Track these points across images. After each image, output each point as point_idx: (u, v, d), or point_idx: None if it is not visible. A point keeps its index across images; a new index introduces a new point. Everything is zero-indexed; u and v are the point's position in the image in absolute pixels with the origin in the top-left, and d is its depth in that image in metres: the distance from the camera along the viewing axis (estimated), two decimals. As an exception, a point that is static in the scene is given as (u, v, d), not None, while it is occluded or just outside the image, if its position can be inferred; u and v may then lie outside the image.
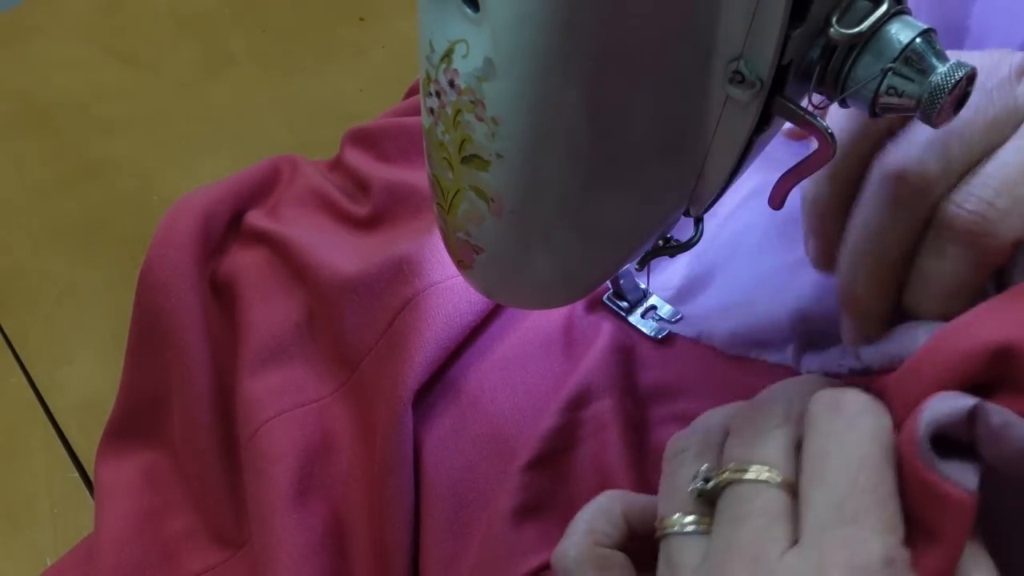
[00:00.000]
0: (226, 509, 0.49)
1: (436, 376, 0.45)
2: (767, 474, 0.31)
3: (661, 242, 0.40)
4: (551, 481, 0.41)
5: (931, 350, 0.30)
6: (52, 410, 0.63)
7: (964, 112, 0.33)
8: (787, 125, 0.34)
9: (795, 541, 0.30)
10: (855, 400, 0.30)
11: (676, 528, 0.32)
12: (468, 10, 0.29)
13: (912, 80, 0.30)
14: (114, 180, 0.76)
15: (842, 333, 0.39)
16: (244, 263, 0.52)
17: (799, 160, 0.34)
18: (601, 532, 0.35)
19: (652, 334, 0.45)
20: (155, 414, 0.53)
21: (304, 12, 0.88)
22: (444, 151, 0.33)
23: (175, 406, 0.51)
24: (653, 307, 0.46)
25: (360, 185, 0.54)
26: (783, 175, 0.35)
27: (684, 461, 0.34)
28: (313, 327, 0.49)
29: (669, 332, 0.45)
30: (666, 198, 0.37)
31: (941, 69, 0.30)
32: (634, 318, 0.45)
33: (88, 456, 0.59)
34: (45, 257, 0.72)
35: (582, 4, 0.28)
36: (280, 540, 0.43)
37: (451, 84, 0.31)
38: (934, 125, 0.31)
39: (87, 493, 0.59)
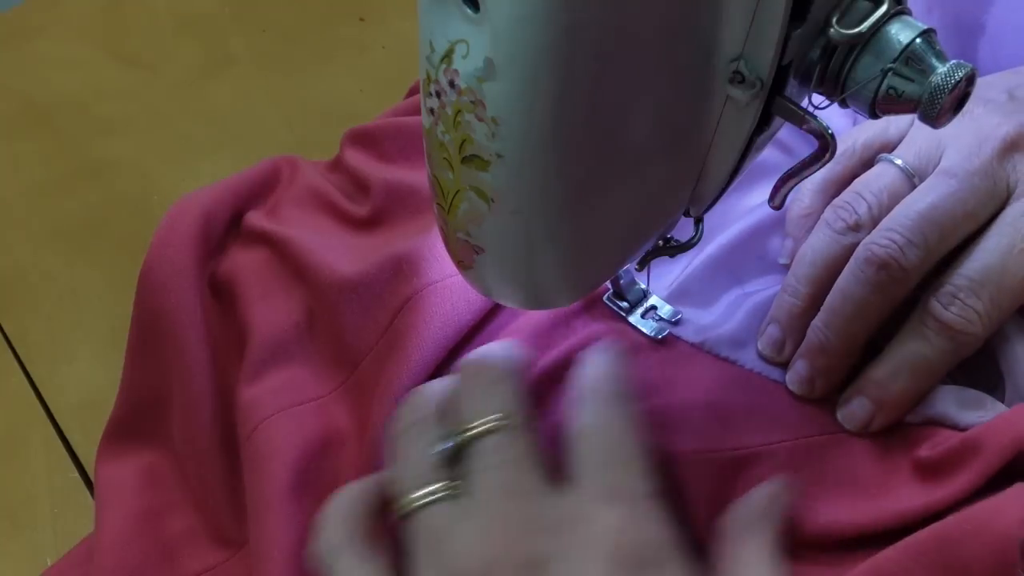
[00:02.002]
0: (226, 509, 0.49)
1: (435, 376, 0.45)
2: (512, 421, 0.33)
3: (661, 242, 0.40)
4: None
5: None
6: (52, 410, 0.63)
7: (945, 199, 0.37)
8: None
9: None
10: (610, 390, 0.36)
11: (424, 499, 0.33)
12: (468, 10, 0.29)
13: (912, 80, 0.30)
14: (114, 180, 0.76)
15: (789, 378, 0.41)
16: (244, 263, 0.52)
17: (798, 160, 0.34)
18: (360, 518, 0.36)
19: (652, 334, 0.45)
20: (155, 414, 0.53)
21: (304, 12, 0.88)
22: (444, 151, 0.33)
23: (175, 406, 0.51)
24: (653, 307, 0.46)
25: (360, 185, 0.54)
26: (783, 175, 0.35)
27: (412, 437, 0.35)
28: (313, 327, 0.49)
29: (669, 333, 0.45)
30: (666, 198, 0.37)
31: (941, 69, 0.30)
32: (634, 318, 0.45)
33: (88, 456, 0.59)
34: (45, 257, 0.72)
35: (582, 4, 0.28)
36: (274, 537, 0.43)
37: (451, 84, 0.31)
38: (935, 125, 0.31)
39: (87, 493, 0.59)
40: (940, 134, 0.40)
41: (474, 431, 0.34)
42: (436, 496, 0.34)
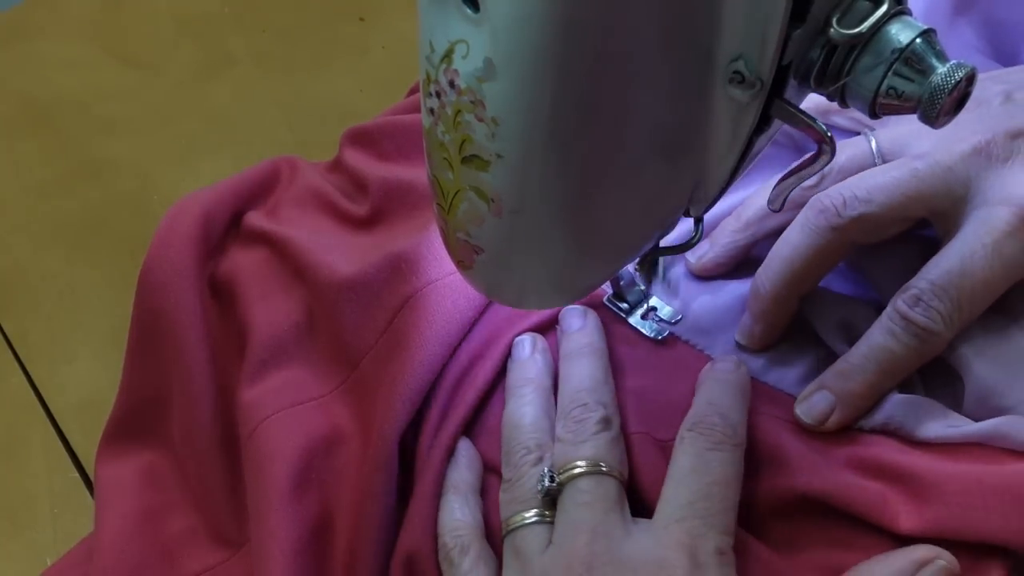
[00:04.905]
0: (226, 509, 0.49)
1: (440, 373, 0.45)
2: (602, 467, 0.38)
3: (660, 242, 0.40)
4: None
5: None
6: (52, 410, 0.63)
7: (903, 174, 0.39)
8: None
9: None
10: (720, 431, 0.38)
11: (520, 521, 0.39)
12: (468, 10, 0.29)
13: (912, 80, 0.30)
14: (114, 180, 0.76)
15: (741, 334, 0.44)
16: (243, 263, 0.52)
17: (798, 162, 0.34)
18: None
19: (652, 335, 0.45)
20: (155, 414, 0.53)
21: (304, 12, 0.88)
22: (444, 151, 0.33)
23: (175, 406, 0.51)
24: (653, 308, 0.46)
25: (359, 185, 0.54)
26: (782, 177, 0.35)
27: (521, 464, 0.40)
28: (313, 326, 0.49)
29: (669, 334, 0.45)
30: (666, 198, 0.37)
31: (941, 69, 0.30)
32: (634, 319, 0.45)
33: (88, 456, 0.59)
34: (45, 257, 0.72)
35: (582, 4, 0.28)
36: (275, 534, 0.43)
37: (451, 84, 0.31)
38: (934, 125, 0.31)
39: (87, 493, 0.59)
40: (920, 127, 0.41)
41: (572, 472, 0.38)
42: (529, 521, 0.38)
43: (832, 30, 0.30)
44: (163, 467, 0.53)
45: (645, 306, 0.46)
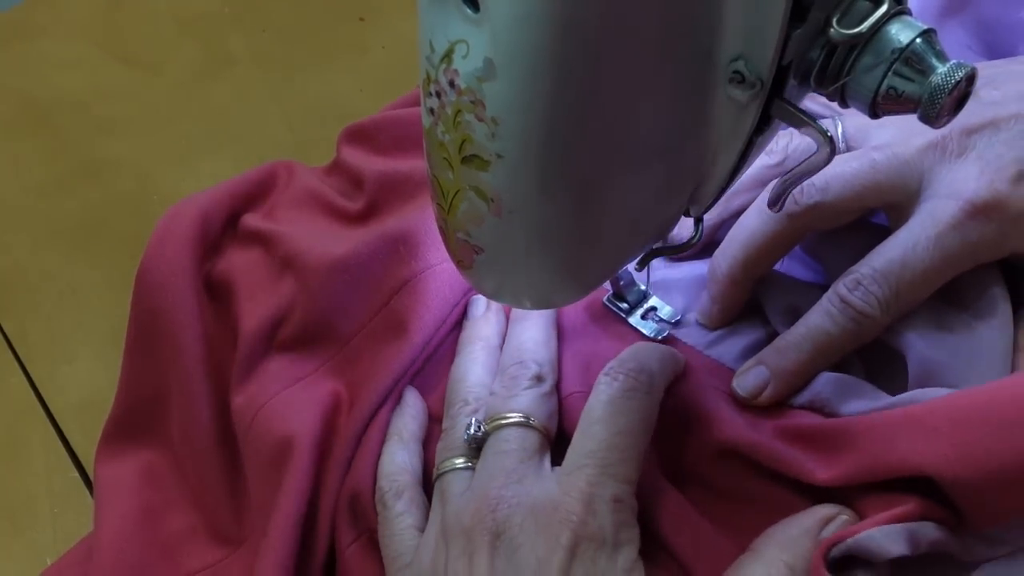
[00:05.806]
0: (225, 507, 0.49)
1: (438, 358, 0.46)
2: (528, 420, 0.40)
3: (661, 242, 0.40)
4: None
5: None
6: (52, 410, 0.63)
7: (863, 166, 0.40)
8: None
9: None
10: (635, 378, 0.39)
11: (449, 467, 0.41)
12: (468, 10, 0.29)
13: (912, 80, 0.30)
14: (114, 180, 0.76)
15: (700, 313, 0.45)
16: (239, 262, 0.52)
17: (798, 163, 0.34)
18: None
19: (652, 335, 0.45)
20: (154, 413, 0.53)
21: (304, 12, 0.88)
22: (444, 151, 0.33)
23: (174, 405, 0.51)
24: (653, 308, 0.46)
25: (356, 183, 0.54)
26: (782, 178, 0.35)
27: (457, 416, 0.42)
28: (298, 312, 0.49)
29: (669, 334, 0.45)
30: (666, 198, 0.37)
31: (941, 69, 0.30)
32: (634, 319, 0.45)
33: (88, 456, 0.59)
34: (45, 257, 0.72)
35: (582, 4, 0.28)
36: (274, 518, 0.43)
37: (451, 84, 0.31)
38: (934, 125, 0.31)
39: (87, 493, 0.59)
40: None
41: (497, 423, 0.40)
42: (457, 466, 0.41)
43: (832, 30, 0.30)
44: (162, 466, 0.53)
45: (645, 306, 0.46)
